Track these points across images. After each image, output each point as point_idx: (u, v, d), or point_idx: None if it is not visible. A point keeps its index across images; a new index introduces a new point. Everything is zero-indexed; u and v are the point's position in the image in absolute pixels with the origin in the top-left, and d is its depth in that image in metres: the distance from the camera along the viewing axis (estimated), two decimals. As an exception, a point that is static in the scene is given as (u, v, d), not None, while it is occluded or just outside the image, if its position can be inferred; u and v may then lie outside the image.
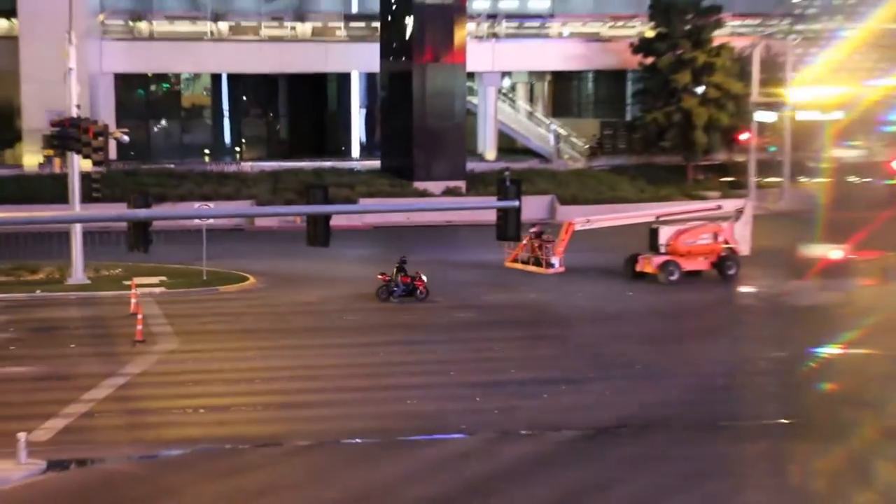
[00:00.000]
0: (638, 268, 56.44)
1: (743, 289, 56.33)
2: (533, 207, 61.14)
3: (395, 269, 51.78)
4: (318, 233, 32.42)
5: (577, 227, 54.70)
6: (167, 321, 47.20)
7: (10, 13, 79.95)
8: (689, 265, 56.15)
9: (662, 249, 56.28)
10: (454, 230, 65.33)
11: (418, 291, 51.73)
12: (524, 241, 54.47)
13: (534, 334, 46.99)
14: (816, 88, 78.20)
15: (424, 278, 51.99)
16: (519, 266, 54.95)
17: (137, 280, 51.53)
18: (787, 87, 75.51)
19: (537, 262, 54.05)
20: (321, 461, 32.41)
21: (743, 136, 75.10)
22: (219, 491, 29.86)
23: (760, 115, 75.14)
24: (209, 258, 55.15)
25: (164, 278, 54.07)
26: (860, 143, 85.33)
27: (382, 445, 33.58)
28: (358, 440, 33.94)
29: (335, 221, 33.50)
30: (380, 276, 51.86)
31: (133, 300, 48.46)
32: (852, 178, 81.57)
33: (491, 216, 34.04)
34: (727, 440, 34.29)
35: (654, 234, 56.77)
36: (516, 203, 32.61)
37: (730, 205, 60.34)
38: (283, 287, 54.78)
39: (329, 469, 31.79)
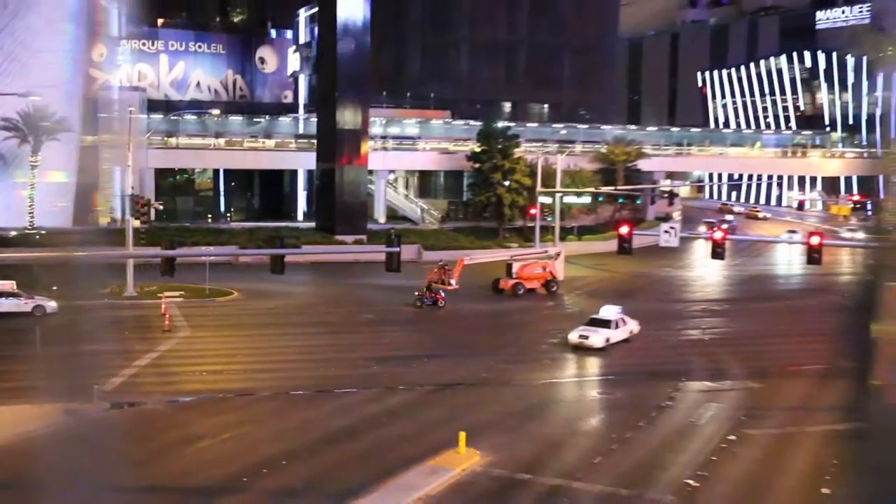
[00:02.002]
0: (499, 286, 56.93)
1: (554, 300, 56.01)
2: (407, 252, 60.63)
3: (425, 287, 51.47)
4: (277, 266, 32.45)
5: (466, 262, 54.61)
6: (184, 318, 46.26)
7: (94, 132, 78.28)
8: (529, 285, 56.92)
9: (514, 275, 57.06)
10: (359, 265, 65.03)
11: (439, 303, 51.22)
12: (436, 269, 53.92)
13: (412, 328, 46.89)
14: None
15: (443, 293, 51.47)
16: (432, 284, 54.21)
17: (166, 293, 50.57)
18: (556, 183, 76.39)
19: (443, 283, 53.56)
20: (277, 405, 32.13)
21: (532, 211, 75.65)
22: (214, 422, 29.53)
23: (542, 199, 75.83)
24: (210, 280, 54.14)
25: (182, 292, 52.90)
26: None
27: (315, 395, 33.39)
28: (300, 392, 33.69)
29: (287, 259, 33.29)
30: (416, 293, 51.47)
31: (163, 305, 47.62)
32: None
33: (381, 257, 34.01)
34: (515, 393, 34.65)
35: (509, 266, 57.79)
36: (398, 249, 32.77)
37: (553, 250, 61.25)
38: (256, 299, 53.88)
39: (282, 409, 31.54)
